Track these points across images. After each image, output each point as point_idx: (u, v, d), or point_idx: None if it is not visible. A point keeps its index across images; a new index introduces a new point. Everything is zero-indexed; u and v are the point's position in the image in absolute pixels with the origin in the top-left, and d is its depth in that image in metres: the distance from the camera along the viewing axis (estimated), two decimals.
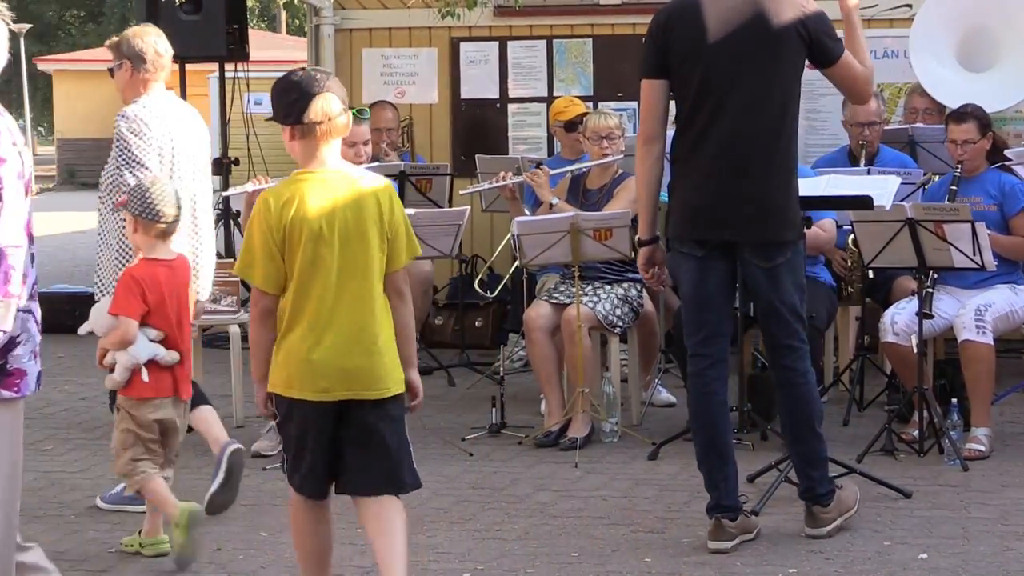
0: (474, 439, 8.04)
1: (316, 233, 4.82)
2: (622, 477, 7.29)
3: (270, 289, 4.87)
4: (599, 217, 7.90)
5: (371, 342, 4.87)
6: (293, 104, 4.90)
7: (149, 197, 5.99)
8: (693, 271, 6.07)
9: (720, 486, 6.09)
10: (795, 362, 6.08)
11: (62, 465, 7.70)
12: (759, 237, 5.98)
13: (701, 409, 6.12)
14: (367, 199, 4.92)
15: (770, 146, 5.96)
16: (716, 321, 6.09)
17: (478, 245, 10.72)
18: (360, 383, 4.87)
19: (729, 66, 5.94)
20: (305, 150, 4.93)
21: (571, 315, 7.87)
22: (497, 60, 11.25)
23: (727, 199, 5.96)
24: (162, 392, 6.02)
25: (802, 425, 6.13)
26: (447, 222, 7.79)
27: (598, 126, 8.25)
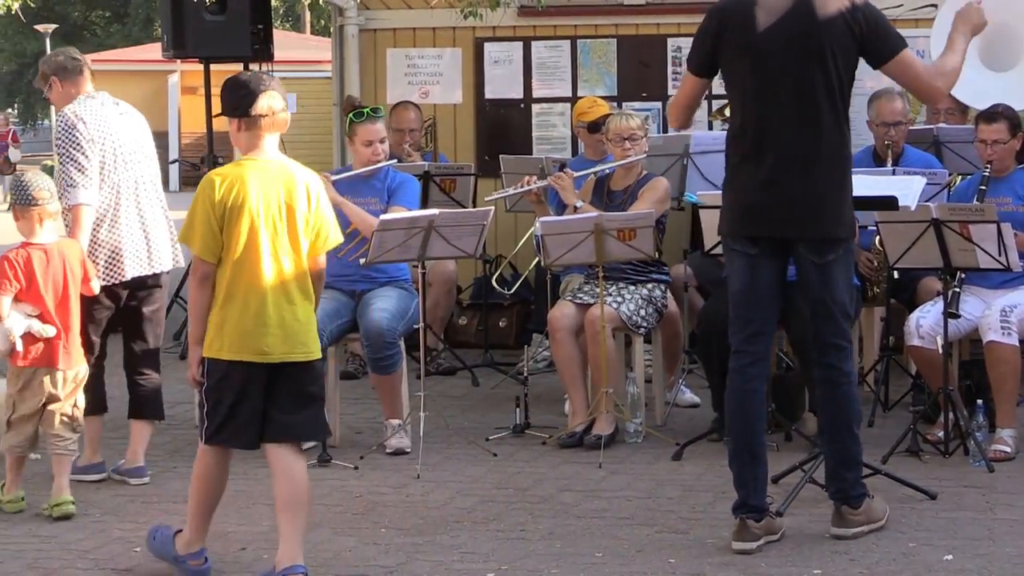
0: (498, 439, 8.04)
1: (253, 213, 5.54)
2: (646, 478, 7.28)
3: (208, 258, 5.57)
4: (623, 218, 7.89)
5: (298, 313, 5.62)
6: (242, 99, 5.65)
7: (25, 186, 6.76)
8: (744, 268, 6.07)
9: (749, 484, 6.08)
10: (840, 361, 6.09)
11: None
12: (812, 234, 5.99)
13: (739, 406, 6.12)
14: (299, 188, 5.64)
15: (822, 142, 5.96)
16: (763, 319, 6.10)
17: (502, 245, 10.70)
18: (292, 347, 5.59)
19: (779, 63, 5.95)
20: (249, 140, 5.68)
21: (595, 315, 7.86)
22: (521, 60, 11.24)
23: (779, 196, 5.97)
24: (37, 363, 6.75)
25: (840, 425, 6.12)
26: (471, 222, 7.79)
27: (620, 127, 8.23)
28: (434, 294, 9.76)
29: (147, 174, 7.42)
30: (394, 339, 7.76)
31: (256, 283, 5.55)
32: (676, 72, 11.04)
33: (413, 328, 7.95)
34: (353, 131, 8.07)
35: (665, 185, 8.30)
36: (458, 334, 10.63)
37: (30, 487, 7.01)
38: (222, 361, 5.56)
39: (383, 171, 8.12)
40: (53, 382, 6.79)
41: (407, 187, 8.13)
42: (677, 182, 9.07)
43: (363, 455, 7.68)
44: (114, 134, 7.29)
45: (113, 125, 7.31)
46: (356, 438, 8.14)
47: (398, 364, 7.84)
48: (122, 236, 7.23)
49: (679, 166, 9.17)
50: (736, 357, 6.12)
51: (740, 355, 6.11)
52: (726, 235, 6.14)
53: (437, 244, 7.70)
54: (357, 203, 7.98)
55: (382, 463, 7.61)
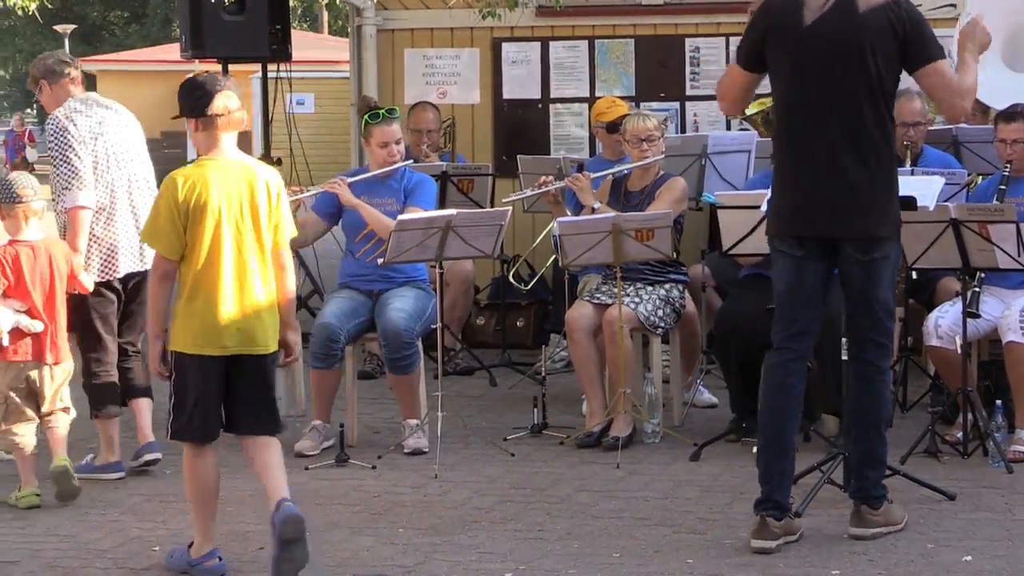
0: (516, 439, 8.04)
1: (215, 212, 5.72)
2: (664, 478, 7.28)
3: (171, 256, 5.76)
4: (641, 218, 7.89)
5: (259, 308, 5.79)
6: (198, 100, 5.81)
7: (9, 184, 6.95)
8: (790, 270, 6.10)
9: (775, 480, 6.09)
10: (877, 359, 6.11)
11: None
12: (856, 232, 6.01)
13: (775, 399, 6.13)
14: (259, 185, 5.83)
15: (865, 141, 5.98)
16: (808, 320, 6.13)
17: (520, 245, 10.71)
18: (251, 341, 5.78)
19: (822, 62, 5.98)
20: (207, 140, 5.83)
21: (613, 316, 7.86)
22: (539, 60, 11.24)
23: (824, 195, 6.00)
24: (24, 357, 6.91)
25: (869, 423, 6.14)
26: (489, 222, 7.79)
27: (637, 128, 8.22)
28: (452, 294, 9.77)
29: (140, 172, 7.54)
30: (412, 339, 7.77)
31: (219, 279, 5.74)
32: (694, 72, 11.04)
33: (431, 328, 7.96)
34: (369, 132, 8.07)
35: (682, 185, 8.30)
36: (476, 334, 10.63)
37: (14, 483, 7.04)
38: (186, 355, 5.77)
39: (399, 171, 8.13)
40: (40, 377, 6.96)
41: (423, 187, 8.14)
42: (695, 182, 9.07)
43: (381, 455, 7.69)
44: (105, 134, 7.40)
45: (104, 125, 7.42)
46: (374, 438, 8.15)
47: (416, 364, 7.84)
48: (117, 233, 7.36)
49: (697, 166, 9.16)
50: (777, 353, 6.15)
51: (781, 351, 6.13)
52: (772, 236, 6.16)
53: (455, 244, 7.71)
54: (374, 204, 7.99)
55: (400, 463, 7.62)
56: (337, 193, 7.97)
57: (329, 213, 8.13)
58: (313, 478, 7.34)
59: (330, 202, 8.09)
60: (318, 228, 8.17)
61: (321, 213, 8.13)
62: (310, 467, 7.51)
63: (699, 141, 9.29)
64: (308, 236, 8.13)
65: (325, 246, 11.30)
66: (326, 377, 7.84)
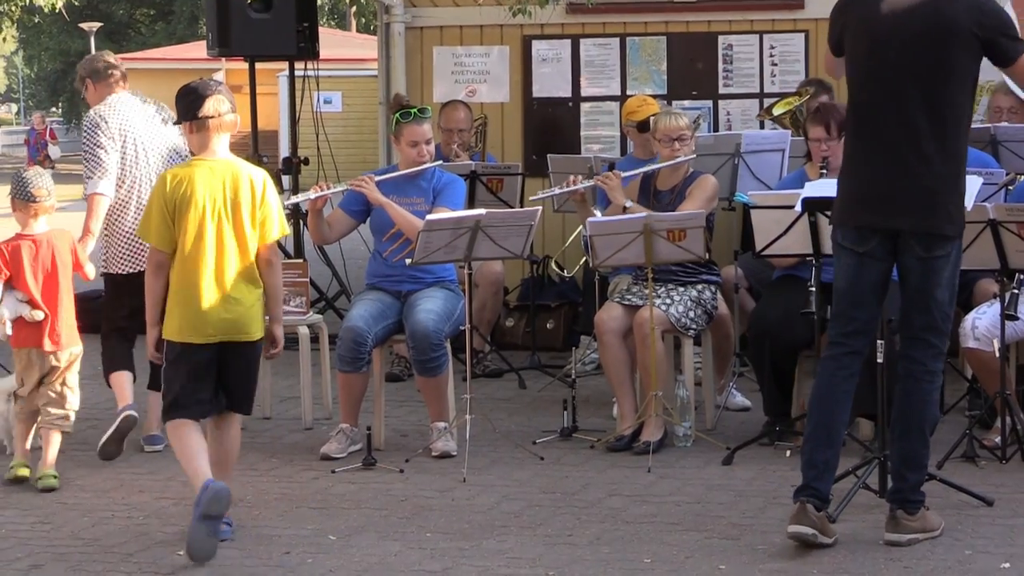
0: (545, 443, 8.04)
1: (199, 208, 6.24)
2: (696, 482, 7.26)
3: (163, 247, 6.31)
4: (673, 218, 7.87)
5: (243, 299, 6.30)
6: (190, 104, 6.32)
7: (26, 183, 7.40)
8: (851, 267, 6.12)
9: (818, 466, 6.09)
10: (928, 359, 6.12)
11: (130, 467, 7.74)
12: (921, 227, 6.01)
13: (825, 390, 6.16)
14: (243, 183, 6.32)
15: (936, 137, 5.98)
16: (866, 319, 6.16)
17: (549, 246, 10.70)
18: (235, 330, 6.30)
19: (899, 54, 5.99)
20: (200, 142, 6.36)
21: (644, 317, 7.85)
22: (569, 58, 11.23)
23: (892, 186, 6.02)
24: (27, 343, 7.44)
25: (913, 424, 6.13)
26: (518, 222, 7.78)
27: (668, 127, 8.20)
28: (481, 295, 9.77)
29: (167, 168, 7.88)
30: (440, 341, 7.77)
31: (202, 271, 6.26)
32: (727, 70, 11.02)
33: (459, 330, 7.96)
34: (399, 131, 8.07)
35: (713, 182, 8.28)
36: (505, 336, 10.63)
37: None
38: (175, 342, 6.29)
39: (429, 171, 8.12)
40: (43, 362, 7.44)
41: (453, 188, 8.13)
42: (728, 182, 9.05)
43: (408, 458, 7.69)
44: (135, 129, 8.06)
45: (135, 122, 8.08)
46: (401, 441, 8.16)
47: (444, 366, 7.84)
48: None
49: (730, 166, 9.14)
50: (832, 347, 6.17)
51: (837, 346, 6.16)
52: (836, 226, 6.17)
53: (484, 245, 7.70)
54: (402, 203, 7.98)
55: (428, 466, 7.62)
56: (364, 191, 7.96)
57: (356, 211, 8.13)
58: (340, 481, 7.34)
59: (357, 200, 8.08)
60: (344, 226, 8.17)
61: (348, 211, 8.12)
62: (337, 470, 7.52)
63: (732, 140, 9.27)
64: (334, 233, 8.15)
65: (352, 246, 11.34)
66: (353, 380, 7.85)
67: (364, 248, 10.09)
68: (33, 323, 7.42)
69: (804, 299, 7.58)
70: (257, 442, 8.20)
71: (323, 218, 8.07)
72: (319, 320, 8.84)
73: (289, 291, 8.45)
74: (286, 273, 7.99)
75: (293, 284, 8.51)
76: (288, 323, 8.56)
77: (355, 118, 28.51)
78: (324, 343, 8.74)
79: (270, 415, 8.80)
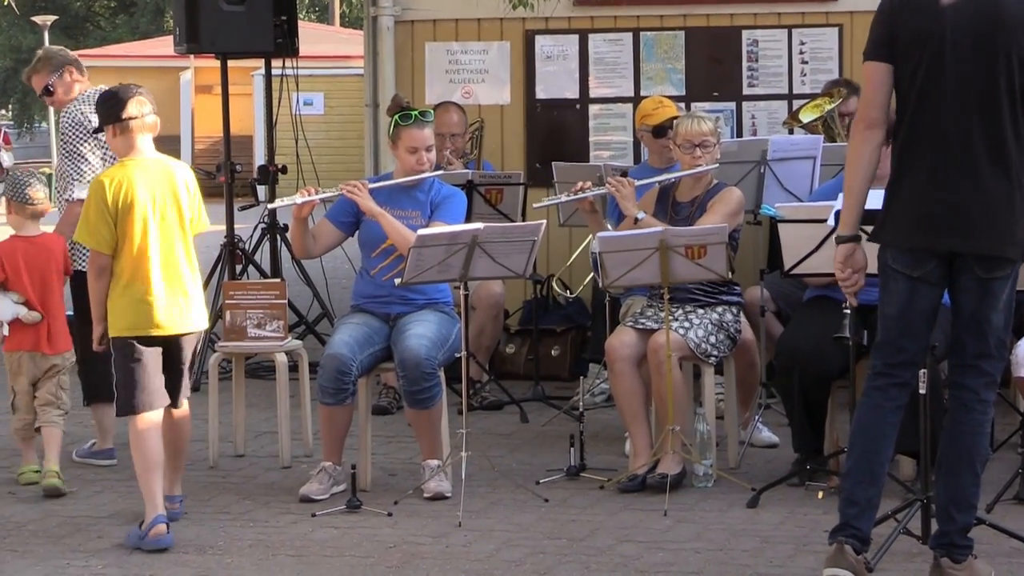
0: (550, 483, 8.04)
1: (143, 208, 7.07)
2: (717, 527, 7.26)
3: (105, 251, 7.09)
4: (692, 232, 7.87)
5: (187, 292, 7.20)
6: (112, 108, 7.16)
7: (22, 186, 8.07)
8: (903, 292, 6.12)
9: (860, 503, 6.09)
10: (980, 387, 6.12)
11: (88, 508, 7.75)
12: (982, 248, 6.02)
13: (870, 421, 6.17)
14: (180, 182, 7.21)
15: (999, 148, 5.99)
16: (915, 350, 6.18)
17: (555, 264, 10.71)
18: (185, 323, 7.19)
19: (958, 57, 5.99)
20: (124, 144, 7.18)
21: (659, 343, 7.85)
22: (577, 55, 11.25)
23: (950, 204, 6.01)
24: (23, 346, 8.08)
25: (963, 459, 6.13)
26: (520, 238, 7.79)
27: (690, 132, 8.21)
28: (478, 319, 9.77)
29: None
30: (433, 369, 7.77)
31: (149, 269, 7.08)
32: (752, 68, 11.05)
33: (454, 357, 7.96)
34: (397, 135, 8.06)
35: (738, 196, 8.29)
36: (505, 364, 10.64)
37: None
38: (127, 339, 7.09)
39: (428, 182, 8.11)
40: (37, 365, 8.07)
41: (452, 202, 8.12)
42: (753, 193, 9.06)
43: (398, 500, 7.69)
44: None
45: None
46: (390, 481, 8.16)
47: (437, 398, 7.84)
48: None
49: (755, 175, 9.16)
50: (877, 377, 6.18)
51: (883, 376, 6.17)
52: (887, 248, 6.15)
53: (482, 262, 7.71)
54: (396, 215, 7.97)
55: (419, 509, 7.62)
56: (356, 199, 7.94)
57: (345, 222, 8.10)
58: (321, 526, 7.34)
59: (347, 210, 8.07)
60: (331, 238, 8.14)
61: (336, 221, 8.09)
62: (318, 514, 7.51)
63: (758, 146, 9.28)
64: (319, 246, 8.11)
65: (335, 264, 11.35)
66: (336, 413, 7.84)
67: (349, 266, 10.11)
68: (30, 325, 8.04)
69: (838, 322, 7.57)
70: (229, 482, 8.20)
71: (308, 229, 8.06)
72: (298, 346, 8.85)
73: (265, 314, 8.47)
74: (261, 295, 8.47)
75: (270, 306, 8.52)
76: (264, 349, 8.62)
77: (338, 122, 28.57)
78: (304, 372, 8.74)
79: (244, 452, 8.80)
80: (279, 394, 8.58)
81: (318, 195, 7.92)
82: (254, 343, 8.54)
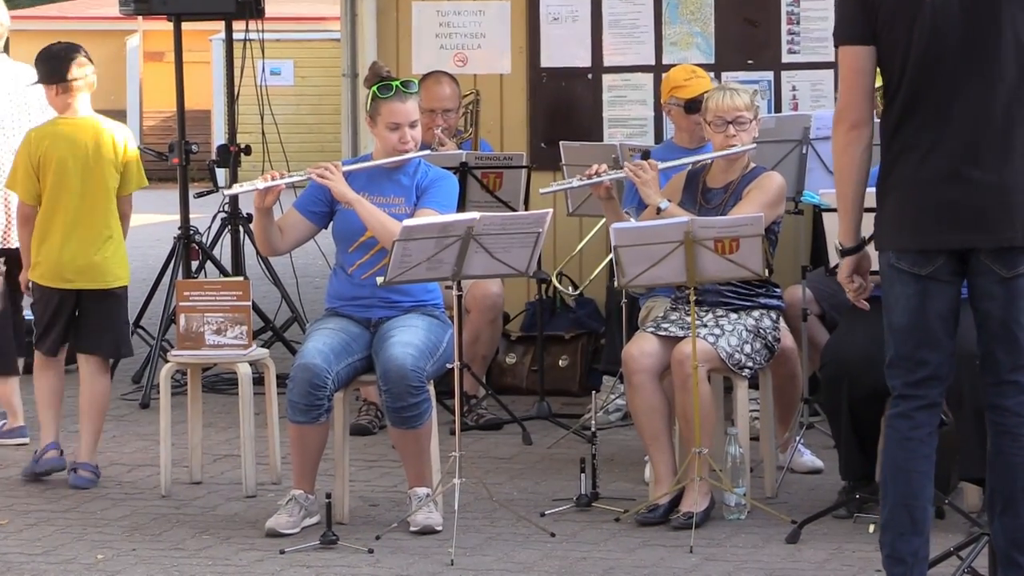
0: (557, 514, 8.06)
1: (65, 165, 8.58)
2: (752, 566, 7.29)
3: (30, 201, 8.70)
4: (722, 223, 7.88)
5: (102, 248, 8.66)
6: (56, 67, 8.66)
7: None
8: (912, 296, 6.09)
9: (907, 560, 6.07)
10: (1021, 406, 6.09)
11: (19, 545, 7.78)
12: (1001, 240, 5.99)
13: (900, 457, 6.12)
14: (106, 140, 8.66)
15: (1011, 125, 5.99)
16: (938, 362, 6.12)
17: (562, 260, 10.71)
18: (95, 277, 8.66)
19: (955, 26, 5.97)
20: (63, 102, 8.68)
21: (685, 352, 7.87)
22: (589, 17, 11.25)
23: (959, 193, 5.99)
24: None
25: (1016, 492, 6.10)
26: (522, 230, 7.80)
27: (722, 107, 8.22)
28: (473, 324, 9.79)
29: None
30: (421, 382, 7.79)
31: (63, 222, 8.60)
32: (792, 32, 11.06)
33: (446, 368, 7.98)
34: (376, 110, 8.06)
35: (779, 183, 8.29)
36: (505, 376, 10.66)
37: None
38: (40, 285, 8.69)
39: (412, 164, 8.13)
40: None
41: (441, 186, 8.14)
42: (794, 177, 9.08)
43: (380, 535, 7.72)
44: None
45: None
46: (371, 512, 8.19)
47: (426, 415, 7.86)
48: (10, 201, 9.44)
49: (796, 155, 9.18)
50: (900, 402, 6.15)
51: (905, 400, 6.13)
52: (888, 250, 6.14)
53: (477, 258, 7.73)
54: (376, 203, 7.98)
55: (405, 545, 7.65)
56: (328, 184, 7.95)
57: (316, 212, 8.11)
58: (291, 564, 7.36)
59: (319, 198, 8.07)
60: (301, 231, 8.14)
61: (305, 211, 8.10)
62: (287, 550, 7.53)
63: (799, 123, 9.30)
64: (287, 241, 8.11)
65: (307, 260, 11.36)
66: (309, 433, 7.86)
67: (323, 262, 10.13)
68: None
69: None
70: (184, 514, 8.22)
71: (273, 221, 8.07)
72: (264, 356, 8.86)
73: (226, 318, 8.48)
74: (221, 296, 8.55)
75: (231, 309, 8.53)
76: (224, 359, 8.64)
77: (311, 94, 28.57)
78: (271, 385, 8.75)
79: (200, 479, 8.82)
80: (242, 411, 8.59)
81: (283, 180, 7.91)
82: (213, 352, 8.55)
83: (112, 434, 9.82)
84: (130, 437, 9.74)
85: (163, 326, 11.06)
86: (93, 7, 34.86)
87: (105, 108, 7.60)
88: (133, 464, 9.01)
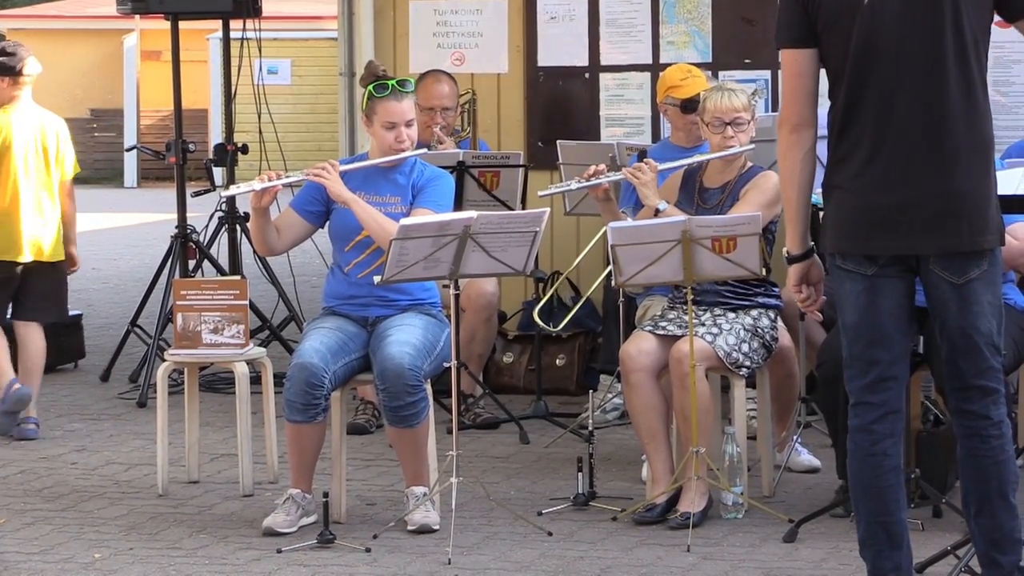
0: (554, 513, 8.06)
1: (19, 152, 9.71)
2: (750, 565, 7.29)
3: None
4: (719, 222, 7.88)
5: (48, 226, 9.86)
6: (12, 62, 9.73)
7: None
8: (860, 294, 6.04)
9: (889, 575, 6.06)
10: (988, 408, 6.04)
11: (16, 544, 7.78)
12: (951, 245, 5.94)
13: (866, 475, 6.08)
14: (50, 131, 9.90)
15: (957, 124, 5.93)
16: (889, 360, 6.05)
17: (558, 258, 10.72)
18: (40, 251, 9.83)
19: (895, 24, 5.93)
20: (10, 94, 9.78)
21: (682, 351, 7.87)
22: (586, 15, 11.25)
23: (905, 197, 5.93)
24: None
25: (990, 492, 6.08)
26: (519, 229, 7.80)
27: (720, 107, 8.21)
28: (470, 323, 9.79)
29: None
30: (418, 381, 7.79)
31: (19, 204, 9.74)
32: None
33: (443, 367, 7.98)
34: (372, 109, 8.07)
35: (776, 182, 8.28)
36: (502, 375, 10.66)
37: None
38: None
39: (408, 163, 8.14)
40: None
41: (438, 185, 8.14)
42: None
43: (377, 534, 7.72)
44: None
45: None
46: (368, 511, 8.19)
47: (423, 415, 7.86)
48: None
49: None
50: (858, 411, 6.08)
51: (863, 408, 6.06)
52: (834, 253, 6.11)
53: (475, 257, 7.73)
54: (372, 202, 8.00)
55: (402, 544, 7.65)
56: (325, 184, 7.95)
57: (313, 212, 8.12)
58: (288, 564, 7.37)
59: (315, 197, 8.08)
60: (297, 231, 8.15)
61: (302, 211, 8.11)
62: (284, 549, 7.53)
63: None
64: (284, 241, 8.12)
65: (305, 259, 11.35)
66: (306, 433, 7.86)
67: (320, 261, 10.11)
68: None
69: None
70: (181, 513, 8.22)
71: (270, 221, 8.08)
72: (261, 355, 8.86)
73: (223, 317, 8.47)
74: (218, 295, 8.48)
75: (229, 308, 8.52)
76: (221, 358, 8.63)
77: (308, 93, 28.59)
78: (268, 385, 8.76)
79: (197, 478, 8.81)
80: (239, 411, 8.59)
81: (280, 180, 7.91)
82: (210, 351, 8.54)
83: (109, 433, 9.85)
84: (127, 436, 9.75)
85: (160, 325, 11.07)
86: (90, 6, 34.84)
87: (102, 107, 7.55)
88: (130, 463, 9.01)
